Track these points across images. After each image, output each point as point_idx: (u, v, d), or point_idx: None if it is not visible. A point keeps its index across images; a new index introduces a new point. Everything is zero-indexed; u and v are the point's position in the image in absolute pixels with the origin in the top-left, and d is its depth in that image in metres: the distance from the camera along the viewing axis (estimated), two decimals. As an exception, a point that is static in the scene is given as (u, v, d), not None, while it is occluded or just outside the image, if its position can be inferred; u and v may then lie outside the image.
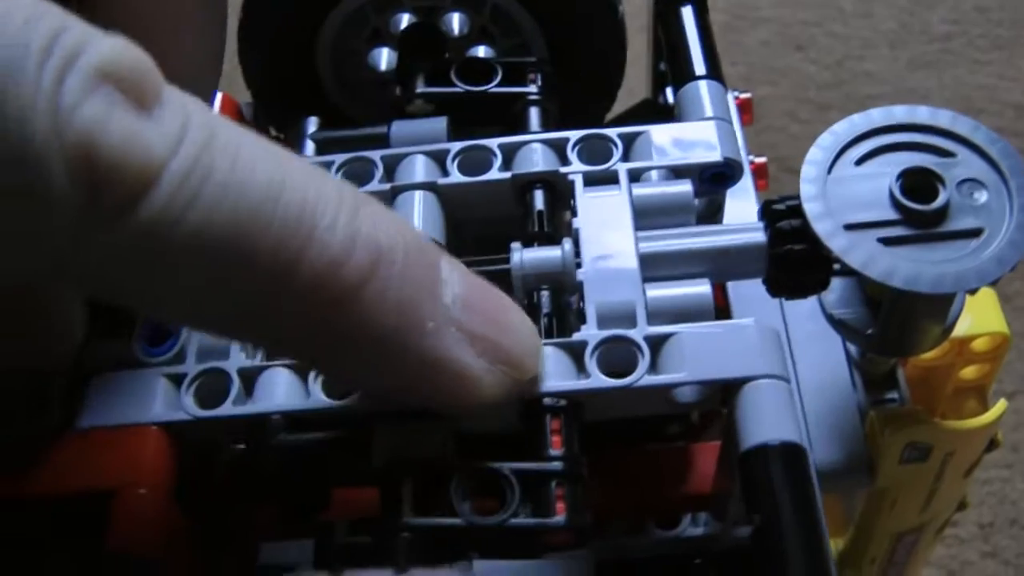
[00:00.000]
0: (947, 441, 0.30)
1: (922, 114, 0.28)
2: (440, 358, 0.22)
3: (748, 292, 0.31)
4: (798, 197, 0.27)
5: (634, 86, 0.41)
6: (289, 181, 0.19)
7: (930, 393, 0.34)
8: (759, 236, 0.27)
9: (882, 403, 0.32)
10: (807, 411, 0.32)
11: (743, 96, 0.39)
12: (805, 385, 0.32)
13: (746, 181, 0.37)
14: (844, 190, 0.28)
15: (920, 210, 0.27)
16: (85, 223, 0.18)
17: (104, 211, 0.18)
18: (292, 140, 0.33)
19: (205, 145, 0.18)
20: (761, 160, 0.38)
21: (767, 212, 0.28)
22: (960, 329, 0.31)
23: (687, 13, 0.34)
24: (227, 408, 0.26)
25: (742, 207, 0.35)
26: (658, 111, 0.38)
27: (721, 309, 0.33)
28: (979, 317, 0.32)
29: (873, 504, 0.33)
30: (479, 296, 0.23)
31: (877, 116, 0.28)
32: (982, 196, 0.27)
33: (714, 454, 0.29)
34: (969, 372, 0.34)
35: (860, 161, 0.28)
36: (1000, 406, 0.31)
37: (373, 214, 0.21)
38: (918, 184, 0.27)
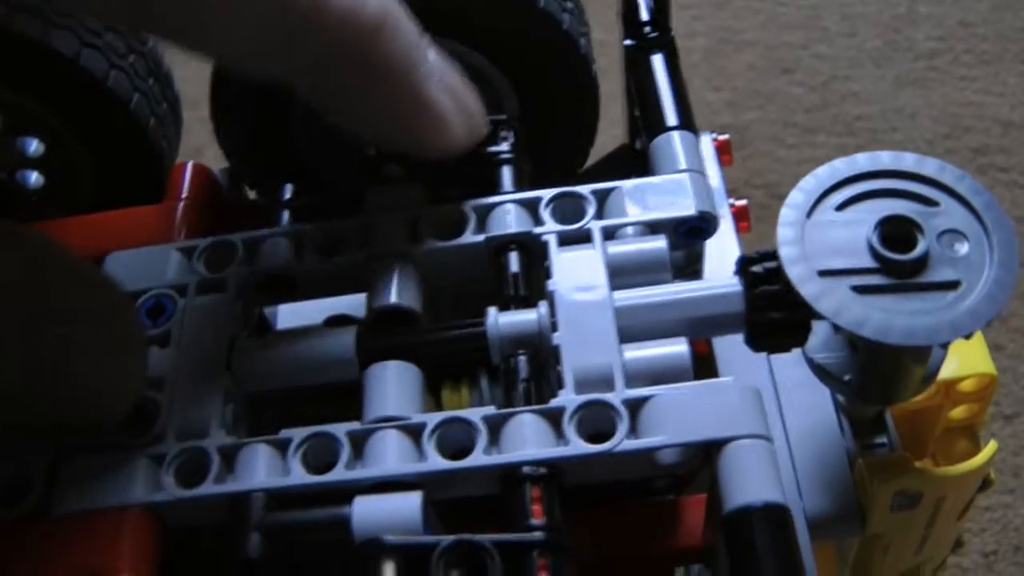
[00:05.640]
0: (937, 487, 0.30)
1: (908, 161, 0.28)
2: (429, 98, 0.28)
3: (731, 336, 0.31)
4: (776, 255, 0.27)
5: (616, 116, 0.41)
6: None
7: (919, 434, 0.33)
8: (737, 302, 0.27)
9: (871, 448, 0.32)
10: (795, 458, 0.31)
11: (721, 138, 0.39)
12: (793, 431, 0.32)
13: (727, 223, 0.37)
14: (822, 235, 0.27)
15: (898, 260, 0.26)
16: None
17: None
18: (268, 206, 0.33)
19: None
20: (742, 203, 0.37)
21: (745, 273, 0.27)
22: (946, 371, 0.31)
23: (657, 61, 0.34)
24: (208, 487, 0.26)
25: (723, 251, 0.35)
26: (635, 155, 0.38)
27: (704, 355, 0.33)
28: (965, 358, 0.31)
29: (866, 549, 0.32)
30: (446, 64, 0.29)
31: (862, 161, 0.28)
32: (963, 248, 0.26)
33: (703, 506, 0.29)
34: (958, 412, 0.33)
35: (842, 206, 0.28)
36: (990, 447, 0.31)
37: None
38: (898, 233, 0.27)
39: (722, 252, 0.35)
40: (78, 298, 0.25)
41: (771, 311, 0.27)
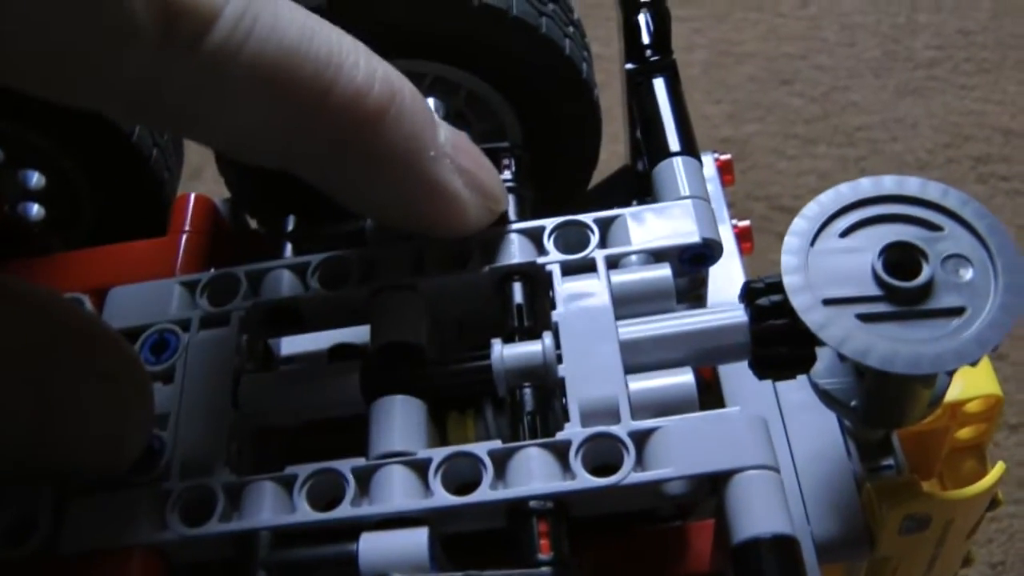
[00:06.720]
0: (946, 510, 0.30)
1: (912, 186, 0.28)
2: (439, 182, 0.27)
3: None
4: (781, 285, 0.27)
5: (613, 131, 0.41)
6: (318, 30, 0.25)
7: (926, 455, 0.33)
8: (742, 333, 0.27)
9: (878, 470, 0.32)
10: (802, 481, 0.31)
11: (723, 158, 0.39)
12: (799, 454, 0.32)
13: (730, 244, 0.37)
14: (826, 263, 0.27)
15: (902, 287, 0.26)
16: (162, 52, 0.23)
17: (177, 41, 0.23)
18: (271, 238, 0.33)
19: None
20: (744, 224, 0.37)
21: (750, 305, 0.27)
22: (952, 393, 0.31)
23: (659, 85, 0.34)
24: (213, 526, 0.26)
25: (727, 272, 0.35)
26: (637, 176, 0.38)
27: (708, 378, 0.33)
28: (971, 380, 0.31)
29: (874, 572, 0.32)
30: (463, 141, 0.28)
31: (866, 186, 0.28)
32: (967, 273, 0.26)
33: (710, 532, 0.29)
34: (965, 432, 0.33)
35: (846, 232, 0.28)
36: (998, 469, 0.31)
37: (382, 62, 0.26)
38: (903, 258, 0.27)
39: (726, 273, 0.35)
40: (83, 354, 0.25)
41: (778, 346, 0.27)
